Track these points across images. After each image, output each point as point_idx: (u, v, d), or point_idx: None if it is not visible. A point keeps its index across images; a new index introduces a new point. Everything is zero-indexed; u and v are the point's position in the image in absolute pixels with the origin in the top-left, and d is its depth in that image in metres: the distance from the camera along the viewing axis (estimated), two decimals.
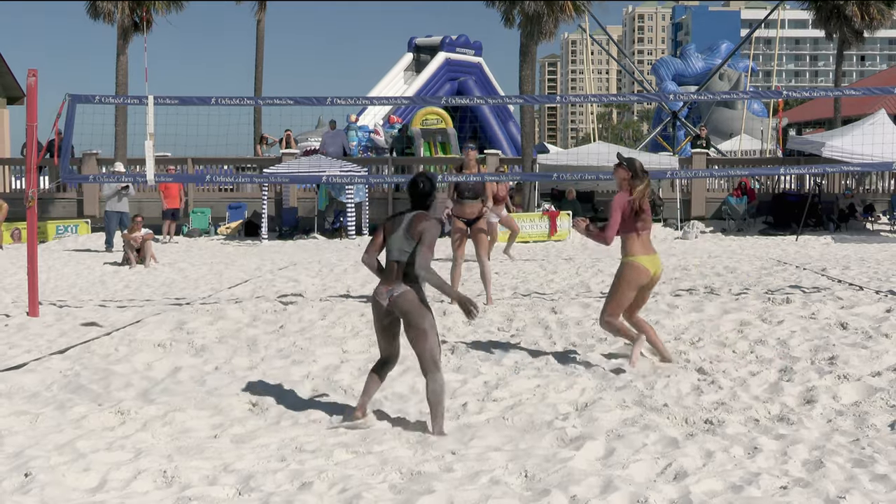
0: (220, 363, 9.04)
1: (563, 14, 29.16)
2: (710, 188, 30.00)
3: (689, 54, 65.31)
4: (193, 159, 29.78)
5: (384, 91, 46.37)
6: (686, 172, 27.47)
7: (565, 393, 7.74)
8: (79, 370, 8.72)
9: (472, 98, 36.90)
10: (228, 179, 23.07)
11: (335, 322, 11.10)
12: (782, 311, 11.25)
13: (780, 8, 40.32)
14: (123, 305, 13.19)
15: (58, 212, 29.41)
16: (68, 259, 21.02)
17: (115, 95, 24.97)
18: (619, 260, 8.70)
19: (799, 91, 25.39)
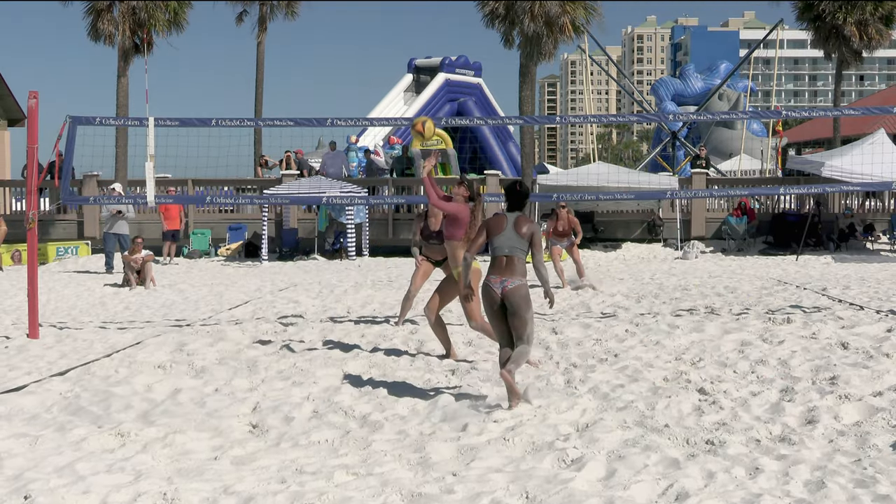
0: (220, 385, 9.02)
1: (563, 35, 29.27)
2: (710, 208, 30.02)
3: (688, 74, 65.46)
4: (194, 180, 29.82)
5: (384, 112, 46.49)
6: (686, 192, 27.52)
7: (566, 413, 7.72)
8: (79, 392, 8.71)
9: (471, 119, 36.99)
10: (229, 201, 23.07)
11: (336, 343, 11.10)
12: (783, 330, 11.24)
13: (778, 28, 40.45)
14: (123, 327, 13.17)
15: (58, 233, 29.43)
16: (68, 281, 21.01)
17: (116, 117, 25.01)
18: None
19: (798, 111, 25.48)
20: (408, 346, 10.98)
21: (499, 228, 7.89)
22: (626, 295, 16.01)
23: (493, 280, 7.84)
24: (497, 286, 7.79)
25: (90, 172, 29.89)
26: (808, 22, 35.68)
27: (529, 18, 28.51)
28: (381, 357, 10.31)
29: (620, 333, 11.47)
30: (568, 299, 15.59)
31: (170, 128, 13.54)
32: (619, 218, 30.31)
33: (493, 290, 7.81)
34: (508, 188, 8.13)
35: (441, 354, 10.35)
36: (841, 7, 33.97)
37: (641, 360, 9.83)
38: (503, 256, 7.81)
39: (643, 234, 29.77)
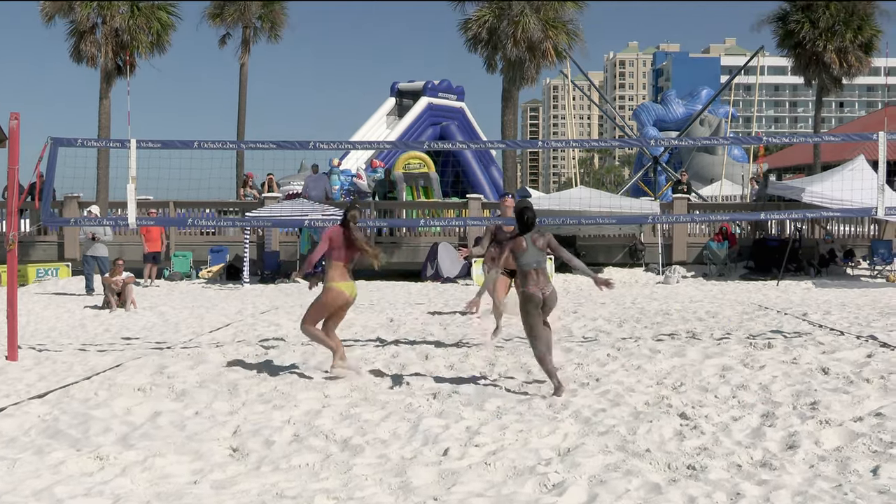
0: (200, 408, 8.98)
1: (545, 60, 29.44)
2: (692, 233, 30.14)
3: (669, 100, 65.83)
4: (175, 202, 29.76)
5: (367, 135, 46.55)
6: (667, 217, 27.63)
7: (548, 438, 7.71)
8: (58, 415, 8.65)
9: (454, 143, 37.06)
10: (210, 223, 23.03)
11: (317, 367, 11.07)
12: (764, 355, 11.27)
13: (759, 55, 40.75)
14: (103, 349, 13.10)
15: (38, 255, 29.29)
16: (48, 302, 20.90)
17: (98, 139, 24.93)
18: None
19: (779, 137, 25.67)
20: (389, 369, 10.96)
21: (521, 249, 9.35)
22: (608, 319, 16.03)
23: (535, 290, 9.31)
24: (539, 293, 9.31)
25: (71, 194, 29.82)
26: (788, 49, 36.00)
27: (512, 43, 28.66)
28: (363, 380, 10.28)
29: (602, 358, 11.48)
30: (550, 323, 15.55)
31: (152, 150, 13.52)
32: (600, 242, 30.38)
33: (537, 296, 9.31)
34: (518, 214, 9.48)
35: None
36: (821, 35, 34.29)
37: (623, 384, 9.84)
38: (534, 270, 9.36)
39: (625, 259, 29.83)
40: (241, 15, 40.62)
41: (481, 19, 29.24)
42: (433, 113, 48.30)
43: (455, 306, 18.85)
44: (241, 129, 40.72)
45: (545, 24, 28.85)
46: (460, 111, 49.76)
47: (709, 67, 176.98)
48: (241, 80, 41.17)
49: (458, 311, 17.85)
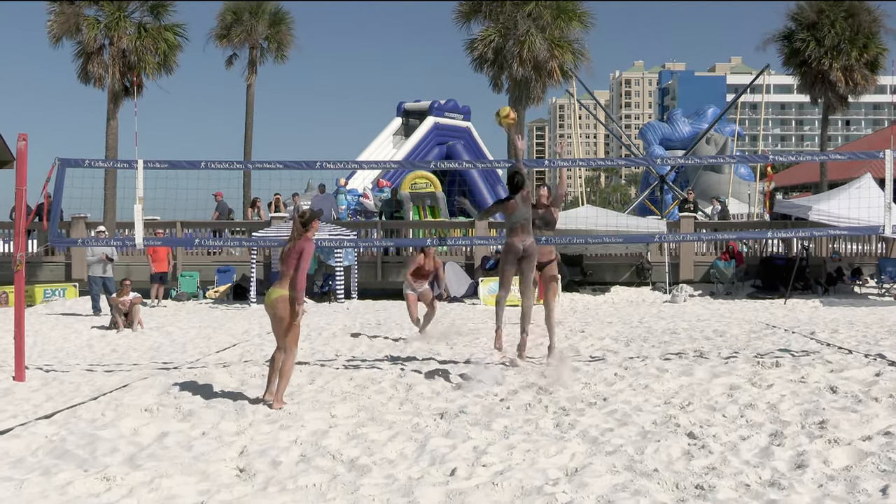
0: (207, 428, 8.97)
1: (551, 79, 29.51)
2: (699, 252, 30.11)
3: (675, 119, 65.89)
4: (182, 223, 29.83)
5: (373, 155, 46.65)
6: (674, 236, 27.62)
7: (555, 458, 7.70)
8: (65, 435, 8.65)
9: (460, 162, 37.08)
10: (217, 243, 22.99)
11: (323, 387, 11.06)
12: (772, 374, 11.24)
13: (765, 73, 40.80)
14: (111, 370, 13.11)
15: (45, 275, 29.34)
16: (55, 323, 20.93)
17: (105, 159, 25.04)
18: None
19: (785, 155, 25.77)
20: (396, 389, 10.94)
21: (513, 209, 11.37)
22: (615, 338, 16.00)
23: (517, 240, 11.22)
24: (519, 243, 11.22)
25: (78, 215, 29.89)
26: (794, 67, 36.04)
27: (518, 63, 28.74)
28: (370, 400, 10.27)
29: (609, 377, 11.45)
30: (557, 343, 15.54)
31: (159, 170, 13.54)
32: (607, 261, 30.37)
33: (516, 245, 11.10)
34: (508, 178, 11.45)
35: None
36: (827, 53, 34.33)
37: (630, 403, 9.81)
38: (519, 226, 11.55)
39: (632, 278, 29.81)
40: (247, 36, 40.79)
41: (487, 39, 29.34)
42: (439, 132, 48.38)
43: (461, 326, 18.83)
44: (247, 148, 40.85)
45: (551, 43, 28.93)
46: (466, 130, 49.84)
47: (715, 86, 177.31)
48: (248, 101, 41.31)
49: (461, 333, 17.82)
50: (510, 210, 11.17)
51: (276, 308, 10.06)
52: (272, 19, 41.49)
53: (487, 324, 19.29)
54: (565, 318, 20.70)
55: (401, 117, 50.04)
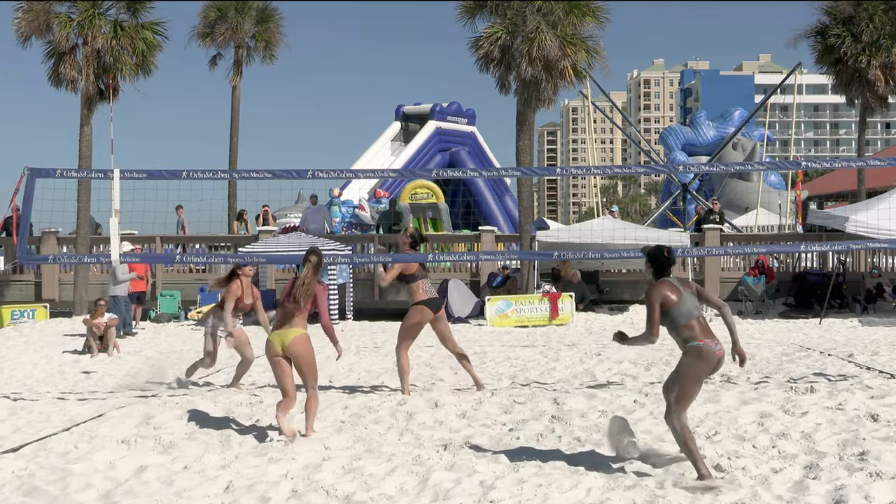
0: (189, 461, 8.97)
1: (563, 80, 29.48)
2: (725, 267, 30.10)
3: (699, 122, 65.95)
4: (162, 238, 29.86)
5: (370, 163, 46.69)
6: (698, 250, 27.59)
7: (570, 493, 7.69)
8: (34, 470, 8.65)
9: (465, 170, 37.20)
10: (200, 259, 23.05)
11: (316, 416, 11.05)
12: (806, 401, 11.22)
13: (796, 72, 40.84)
14: (84, 398, 13.11)
15: (14, 295, 29.38)
16: (24, 347, 20.94)
17: (78, 169, 25.14)
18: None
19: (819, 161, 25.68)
20: (396, 418, 10.94)
21: (680, 296, 8.39)
22: (634, 362, 15.99)
23: (711, 343, 8.22)
24: (716, 348, 8.19)
25: (49, 229, 29.93)
26: (828, 65, 36.01)
27: (527, 62, 28.74)
28: (367, 430, 10.27)
29: (628, 404, 11.44)
30: (571, 367, 15.56)
31: (137, 180, 13.59)
32: (625, 278, 30.37)
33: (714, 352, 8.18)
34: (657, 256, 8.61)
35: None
36: (864, 49, 34.31)
37: (651, 433, 9.81)
38: (695, 319, 8.35)
39: None
40: (232, 34, 40.90)
41: (493, 36, 29.35)
42: (442, 138, 48.45)
43: (467, 348, 18.82)
44: (233, 157, 40.89)
45: (563, 40, 28.94)
46: (471, 136, 49.90)
47: (741, 86, 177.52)
48: (234, 105, 41.39)
49: None
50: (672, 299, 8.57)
51: (296, 348, 10.38)
52: (259, 16, 41.59)
53: (495, 346, 19.31)
54: (580, 340, 20.71)
55: (400, 122, 50.12)
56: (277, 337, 10.40)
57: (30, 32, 29.84)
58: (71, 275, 29.34)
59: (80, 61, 30.03)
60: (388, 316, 25.78)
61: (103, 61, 29.90)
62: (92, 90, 30.10)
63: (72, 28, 29.87)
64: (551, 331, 23.99)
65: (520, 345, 19.99)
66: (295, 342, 10.36)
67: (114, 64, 29.90)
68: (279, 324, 10.51)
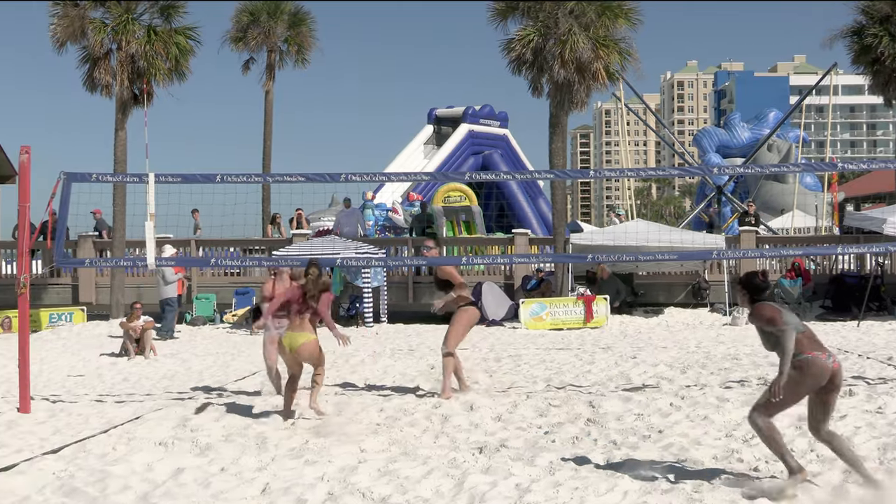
0: (226, 463, 9.02)
1: (596, 82, 29.40)
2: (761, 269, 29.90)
3: (733, 124, 65.61)
4: (197, 241, 30.01)
5: (403, 166, 46.76)
6: (734, 252, 27.46)
7: (606, 496, 7.68)
8: (73, 471, 8.72)
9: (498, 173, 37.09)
10: (235, 263, 23.18)
11: (352, 418, 11.09)
12: (845, 404, 11.15)
13: (832, 73, 40.56)
14: (122, 400, 13.21)
15: (51, 299, 29.61)
16: (62, 350, 21.11)
17: (114, 173, 25.26)
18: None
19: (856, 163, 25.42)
20: (431, 421, 10.96)
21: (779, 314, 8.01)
22: (670, 365, 15.94)
23: (822, 355, 7.87)
24: (827, 361, 7.84)
25: (86, 233, 30.16)
26: (865, 66, 35.67)
27: (559, 64, 28.69)
28: (402, 433, 10.29)
29: (664, 407, 11.41)
30: (606, 370, 15.53)
31: (171, 184, 13.67)
32: (660, 280, 30.26)
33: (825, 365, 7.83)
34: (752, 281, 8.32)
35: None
36: None
37: (688, 437, 9.78)
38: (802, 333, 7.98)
39: (687, 298, 29.68)
40: (265, 38, 41.06)
41: (525, 39, 29.31)
42: (474, 141, 48.45)
43: (502, 351, 18.83)
44: (266, 161, 41.05)
45: (595, 43, 28.88)
46: (504, 139, 49.88)
47: (776, 87, 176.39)
48: (267, 109, 41.55)
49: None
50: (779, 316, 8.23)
51: (303, 354, 11.26)
52: (292, 20, 41.72)
53: (529, 349, 19.30)
54: (615, 343, 20.67)
55: (432, 125, 50.18)
56: (287, 339, 11.33)
57: (65, 38, 30.06)
58: (107, 278, 29.53)
59: (115, 66, 30.22)
60: (422, 319, 25.80)
61: (137, 66, 30.08)
62: (126, 95, 30.28)
63: (106, 33, 30.06)
64: (586, 333, 23.94)
65: (554, 347, 19.96)
66: (302, 348, 11.23)
67: (148, 69, 30.06)
68: (290, 328, 11.45)
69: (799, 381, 7.79)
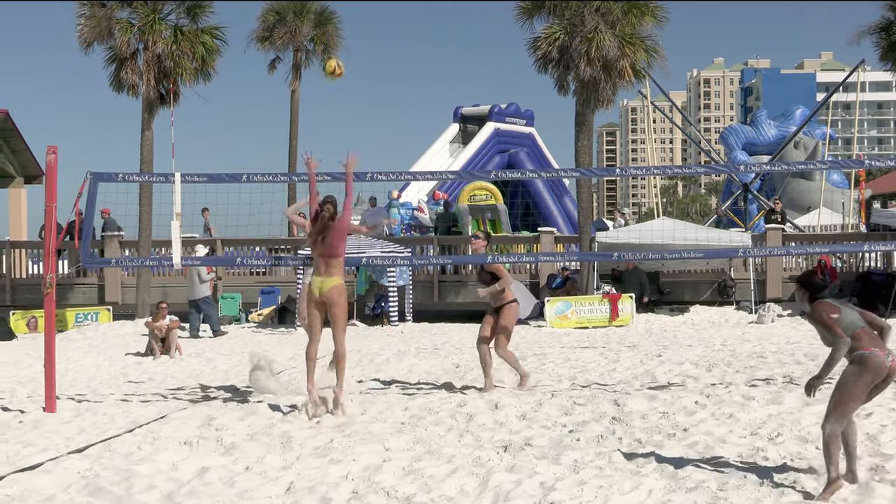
0: (251, 462, 9.04)
1: (622, 80, 29.33)
2: (787, 267, 29.78)
3: (760, 121, 65.37)
4: (223, 241, 30.11)
5: (428, 165, 46.77)
6: (760, 250, 27.36)
7: (630, 495, 7.65)
8: (98, 471, 8.76)
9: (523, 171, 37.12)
10: (261, 262, 23.23)
11: (376, 417, 11.09)
12: (871, 403, 11.05)
13: (859, 69, 40.33)
14: (147, 400, 13.26)
15: (77, 298, 29.77)
16: (88, 349, 21.22)
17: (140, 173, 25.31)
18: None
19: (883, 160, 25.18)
20: (456, 419, 10.95)
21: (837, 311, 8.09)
22: (696, 363, 15.87)
23: (880, 352, 7.88)
24: (886, 359, 7.85)
25: (113, 233, 30.30)
26: (892, 62, 35.48)
27: (585, 62, 28.63)
28: (427, 432, 10.29)
29: (690, 406, 11.36)
30: (631, 368, 15.48)
31: (197, 184, 13.71)
32: (686, 278, 30.15)
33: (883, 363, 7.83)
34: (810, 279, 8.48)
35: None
36: None
37: (713, 435, 9.73)
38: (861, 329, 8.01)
39: (713, 297, 29.57)
40: (291, 37, 41.15)
41: (551, 37, 29.26)
42: (500, 139, 48.42)
43: (527, 350, 18.80)
44: (292, 160, 41.13)
45: (622, 40, 28.79)
46: (530, 137, 49.83)
47: (803, 84, 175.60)
48: (293, 108, 41.64)
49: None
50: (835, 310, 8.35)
51: (332, 295, 11.46)
52: (318, 19, 41.80)
53: (554, 348, 19.27)
54: (640, 342, 20.61)
55: (458, 123, 50.17)
56: (317, 283, 11.49)
57: (92, 38, 30.20)
58: (133, 278, 29.67)
59: (141, 66, 30.36)
60: (447, 318, 25.80)
61: (164, 66, 30.19)
62: (153, 95, 30.40)
63: (133, 34, 30.19)
64: (611, 332, 23.88)
65: (580, 346, 19.92)
66: (332, 290, 11.45)
67: (174, 69, 30.18)
68: (318, 272, 11.54)
69: (859, 376, 7.76)
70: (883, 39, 35.06)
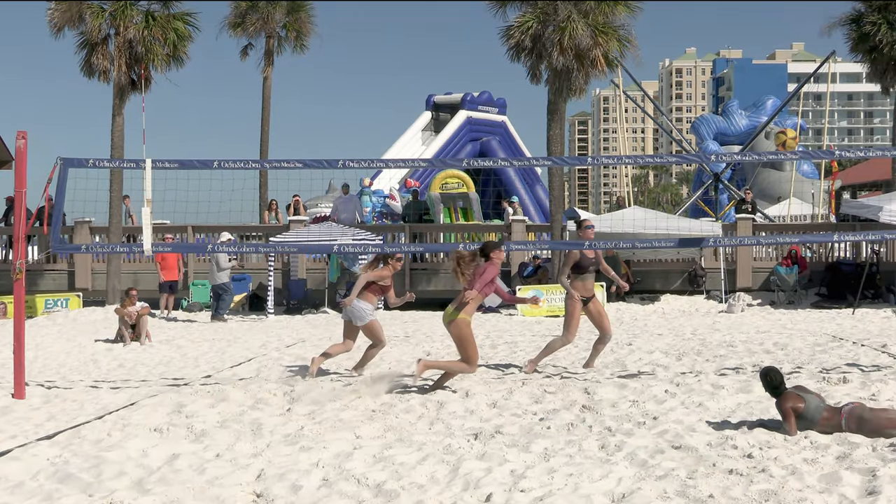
0: (221, 450, 9.02)
1: (595, 69, 29.38)
2: (757, 257, 29.94)
3: (731, 111, 65.60)
4: (194, 227, 30.00)
5: (401, 153, 46.77)
6: (730, 240, 27.49)
7: (600, 483, 7.67)
8: (68, 457, 8.72)
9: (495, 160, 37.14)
10: (232, 249, 23.14)
11: (347, 405, 11.09)
12: (839, 391, 11.16)
13: (830, 60, 40.53)
14: (117, 386, 13.20)
15: (47, 285, 29.60)
16: (57, 336, 21.10)
17: (111, 159, 25.24)
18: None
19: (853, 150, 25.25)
20: (426, 407, 10.95)
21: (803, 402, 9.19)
22: (666, 352, 15.95)
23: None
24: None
25: (82, 219, 30.12)
26: (863, 53, 35.66)
27: (558, 51, 28.66)
28: (397, 420, 10.29)
29: (659, 394, 11.41)
30: (602, 356, 15.53)
31: (168, 170, 13.64)
32: (657, 268, 30.27)
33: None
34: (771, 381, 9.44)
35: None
36: None
37: (683, 423, 9.78)
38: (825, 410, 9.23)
39: (684, 286, 29.71)
40: (263, 23, 41.03)
41: (524, 25, 29.27)
42: (472, 127, 48.45)
43: (498, 338, 18.83)
44: (264, 147, 41.03)
45: (594, 29, 28.83)
46: (502, 125, 49.87)
47: (774, 75, 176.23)
48: (265, 95, 41.52)
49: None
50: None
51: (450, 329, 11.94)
52: (290, 6, 41.70)
53: (525, 336, 19.30)
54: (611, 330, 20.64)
55: (430, 111, 50.18)
56: (447, 313, 11.95)
57: (62, 23, 30.00)
58: (104, 264, 29.53)
59: (112, 52, 30.18)
60: (418, 306, 25.78)
61: (135, 52, 30.03)
62: (124, 80, 30.23)
63: (104, 19, 30.01)
64: (582, 320, 23.87)
65: (551, 334, 19.93)
66: (452, 325, 11.85)
67: (145, 54, 30.02)
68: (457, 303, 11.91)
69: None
70: (853, 31, 35.27)
